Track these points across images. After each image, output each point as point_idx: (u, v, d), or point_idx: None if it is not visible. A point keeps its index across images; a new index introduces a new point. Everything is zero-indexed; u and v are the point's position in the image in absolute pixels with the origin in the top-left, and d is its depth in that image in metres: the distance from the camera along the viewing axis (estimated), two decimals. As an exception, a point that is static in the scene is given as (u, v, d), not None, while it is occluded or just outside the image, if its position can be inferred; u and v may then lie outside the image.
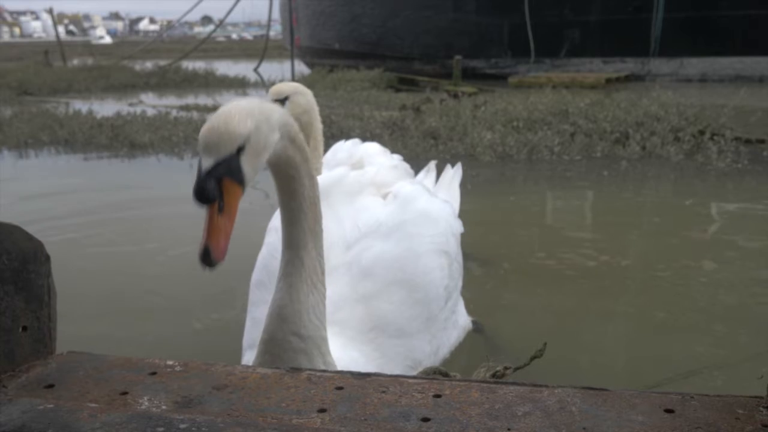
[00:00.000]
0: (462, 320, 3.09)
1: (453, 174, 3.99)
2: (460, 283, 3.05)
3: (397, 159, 3.88)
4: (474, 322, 3.31)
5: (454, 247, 2.92)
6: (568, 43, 20.39)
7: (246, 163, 1.84)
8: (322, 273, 2.15)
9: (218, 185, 1.79)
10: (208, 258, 1.77)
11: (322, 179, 2.90)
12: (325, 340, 2.15)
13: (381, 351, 2.49)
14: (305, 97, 3.98)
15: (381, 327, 2.53)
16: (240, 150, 1.83)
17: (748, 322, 3.76)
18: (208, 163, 1.80)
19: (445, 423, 1.41)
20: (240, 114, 1.87)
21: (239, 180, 1.83)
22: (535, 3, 19.80)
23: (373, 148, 3.92)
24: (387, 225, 2.74)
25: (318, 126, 4.08)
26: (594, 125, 9.07)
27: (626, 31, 19.38)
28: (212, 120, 1.87)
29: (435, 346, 2.71)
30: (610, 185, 7.23)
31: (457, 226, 3.05)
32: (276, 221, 2.86)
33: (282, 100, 3.92)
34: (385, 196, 2.97)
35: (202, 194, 1.78)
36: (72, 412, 1.44)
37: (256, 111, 1.89)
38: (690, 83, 18.10)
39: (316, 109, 4.07)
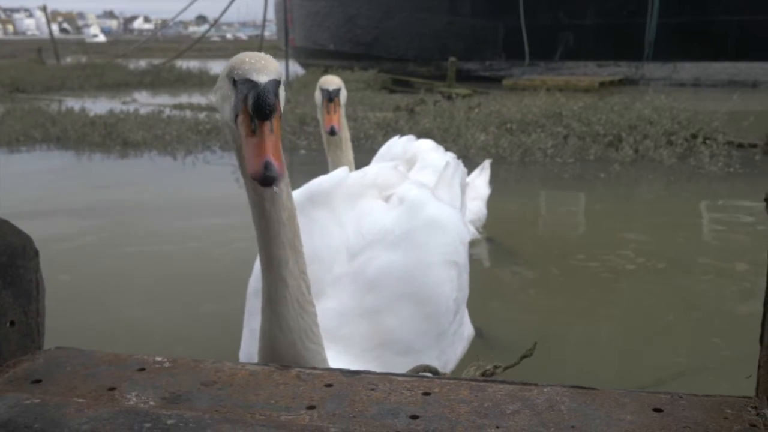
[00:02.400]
0: (467, 331, 2.95)
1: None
2: (468, 293, 2.89)
3: (450, 156, 3.74)
4: (477, 329, 3.17)
5: (464, 257, 2.75)
6: (562, 46, 20.43)
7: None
8: (309, 291, 2.00)
9: (276, 103, 1.71)
10: (270, 171, 1.62)
11: (322, 181, 2.78)
12: (324, 360, 2.04)
13: (387, 369, 2.29)
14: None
15: (387, 344, 2.39)
16: (278, 83, 1.77)
17: (739, 323, 3.77)
18: (264, 78, 1.72)
19: (434, 421, 1.41)
20: None
21: (279, 108, 1.74)
22: (530, 6, 19.83)
23: (426, 144, 3.82)
24: (394, 233, 2.58)
25: (345, 122, 4.21)
26: (587, 128, 9.09)
27: (620, 35, 19.42)
28: (245, 54, 1.81)
29: (443, 361, 2.57)
30: (605, 187, 7.25)
31: (466, 234, 2.86)
32: None
33: (338, 90, 3.99)
34: (387, 199, 2.81)
35: (265, 104, 1.68)
36: (59, 408, 1.43)
37: None
38: (683, 88, 18.13)
39: None
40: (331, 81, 4.06)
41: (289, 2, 24.12)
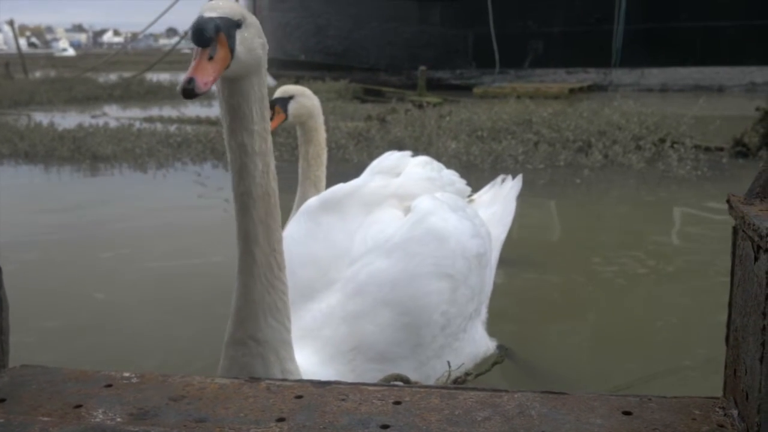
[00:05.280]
0: (470, 348, 2.82)
1: (511, 187, 3.82)
2: (471, 308, 2.79)
3: (450, 173, 3.67)
4: (499, 347, 3.09)
5: (463, 270, 2.67)
6: (531, 54, 20.61)
7: (239, 41, 1.92)
8: (280, 269, 2.07)
9: (215, 34, 1.86)
10: (191, 84, 1.78)
11: (338, 189, 2.82)
12: (286, 343, 2.07)
13: (357, 373, 2.34)
14: (311, 101, 4.07)
15: (361, 348, 2.39)
16: (238, 25, 1.92)
17: (713, 326, 3.80)
18: (210, 14, 1.88)
19: (405, 429, 1.40)
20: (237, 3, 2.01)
21: (231, 45, 1.89)
22: (500, 15, 19.99)
23: (417, 160, 3.63)
24: (392, 242, 2.58)
25: (322, 135, 4.14)
26: (557, 134, 9.16)
27: (589, 42, 19.65)
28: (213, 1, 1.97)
29: (424, 374, 2.50)
30: (581, 193, 7.30)
31: (474, 247, 2.78)
32: (289, 227, 2.80)
33: (287, 99, 3.95)
34: (407, 210, 2.79)
35: (201, 32, 1.83)
36: (23, 427, 1.40)
37: (251, 14, 2.04)
38: (651, 93, 18.38)
39: (321, 117, 4.13)
40: (280, 90, 4.08)
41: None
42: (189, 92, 1.79)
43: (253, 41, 1.98)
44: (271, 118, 3.92)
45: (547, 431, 1.39)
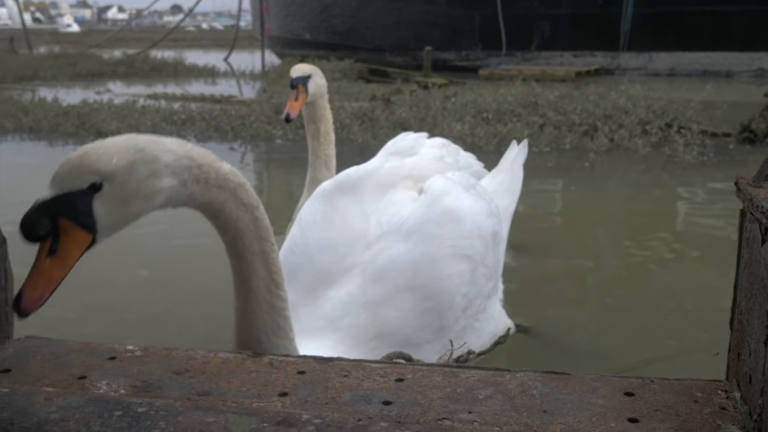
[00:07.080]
0: (491, 327, 2.82)
1: (517, 153, 3.66)
2: (489, 287, 2.77)
3: (467, 155, 3.57)
4: (518, 326, 3.09)
5: (480, 251, 2.63)
6: (538, 36, 20.50)
7: (103, 207, 1.59)
8: (278, 287, 1.90)
9: (53, 222, 1.53)
10: (17, 304, 1.49)
11: (354, 171, 2.75)
12: (293, 352, 1.98)
13: None
14: (323, 79, 4.10)
15: (384, 336, 2.35)
16: (95, 189, 1.59)
17: (722, 311, 3.80)
18: (45, 194, 1.56)
19: (407, 406, 1.41)
20: (107, 149, 1.64)
21: (86, 224, 1.58)
22: (506, -4, 19.88)
23: (434, 141, 3.60)
24: (408, 224, 2.53)
25: (330, 113, 4.18)
26: (563, 117, 9.13)
27: (596, 26, 19.54)
28: (74, 152, 1.64)
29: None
30: (591, 177, 7.29)
31: (489, 226, 2.73)
32: (304, 211, 2.71)
33: (306, 78, 3.96)
34: (421, 191, 2.75)
35: (25, 228, 1.51)
36: (28, 396, 1.41)
37: (132, 148, 1.66)
38: (658, 77, 18.28)
39: (326, 95, 4.19)
40: (297, 68, 4.05)
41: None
42: (18, 311, 1.48)
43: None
44: (296, 98, 3.95)
45: (548, 410, 1.39)
